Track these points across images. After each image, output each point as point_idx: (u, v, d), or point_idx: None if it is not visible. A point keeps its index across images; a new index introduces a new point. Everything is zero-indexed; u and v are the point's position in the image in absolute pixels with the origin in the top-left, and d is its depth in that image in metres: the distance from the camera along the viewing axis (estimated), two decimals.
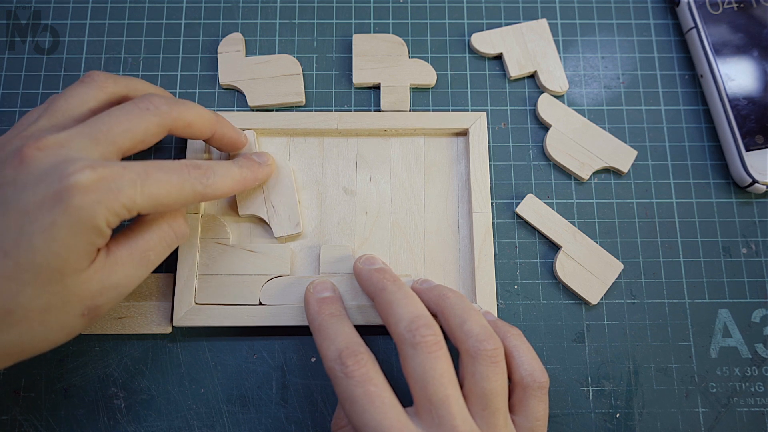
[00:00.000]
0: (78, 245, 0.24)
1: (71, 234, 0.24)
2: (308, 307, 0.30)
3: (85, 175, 0.24)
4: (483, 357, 0.27)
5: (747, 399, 0.33)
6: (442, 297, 0.29)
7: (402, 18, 0.39)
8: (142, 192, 0.25)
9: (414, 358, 0.26)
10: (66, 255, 0.24)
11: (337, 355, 0.27)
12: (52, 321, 0.25)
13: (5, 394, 0.32)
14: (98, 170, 0.24)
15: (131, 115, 0.27)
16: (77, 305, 0.25)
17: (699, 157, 0.37)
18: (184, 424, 0.32)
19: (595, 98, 0.38)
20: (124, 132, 0.26)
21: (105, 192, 0.24)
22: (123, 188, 0.25)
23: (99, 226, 0.24)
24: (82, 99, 0.28)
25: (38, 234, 0.24)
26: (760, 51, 0.37)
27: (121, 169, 0.25)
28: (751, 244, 0.35)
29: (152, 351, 0.33)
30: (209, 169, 0.28)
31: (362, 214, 0.34)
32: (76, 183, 0.24)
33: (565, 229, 0.35)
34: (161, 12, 0.39)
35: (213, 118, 0.30)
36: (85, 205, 0.24)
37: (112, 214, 0.25)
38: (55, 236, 0.24)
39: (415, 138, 0.36)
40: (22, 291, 0.24)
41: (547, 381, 0.28)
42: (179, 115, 0.28)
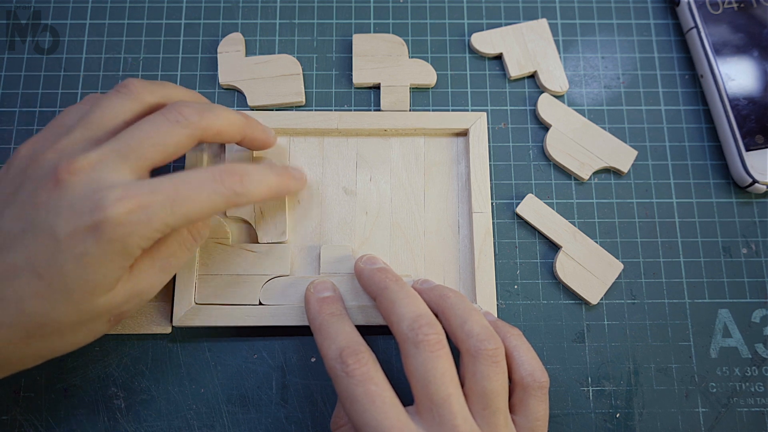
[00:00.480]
0: (108, 271, 0.25)
1: (101, 263, 0.25)
2: (309, 306, 0.30)
3: (117, 209, 0.24)
4: (484, 357, 0.27)
5: (747, 399, 0.33)
6: (443, 297, 0.29)
7: (402, 18, 0.39)
8: (173, 213, 0.25)
9: (416, 357, 0.26)
10: (97, 280, 0.25)
11: (338, 353, 0.27)
12: (82, 329, 0.27)
13: (5, 394, 0.32)
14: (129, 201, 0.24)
15: (161, 129, 0.27)
16: (105, 315, 0.27)
17: (699, 157, 0.37)
18: (184, 424, 0.32)
19: (595, 98, 0.38)
20: (153, 146, 0.26)
21: (137, 224, 0.25)
22: (155, 215, 0.25)
23: (131, 253, 0.25)
24: (117, 111, 0.28)
25: (70, 262, 0.24)
26: (760, 51, 0.37)
27: (151, 194, 0.25)
28: (751, 244, 0.35)
29: (152, 351, 0.33)
30: (246, 175, 0.28)
31: (362, 214, 0.34)
32: (108, 218, 0.24)
33: (565, 229, 0.35)
34: (161, 12, 0.39)
35: (242, 121, 0.30)
36: (117, 238, 0.24)
37: (145, 240, 0.25)
38: (87, 264, 0.24)
39: (415, 138, 0.36)
40: (55, 309, 0.25)
41: (547, 381, 0.28)
42: (209, 125, 0.28)
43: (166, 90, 0.30)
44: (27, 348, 0.25)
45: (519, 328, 0.33)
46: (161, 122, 0.27)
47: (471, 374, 0.27)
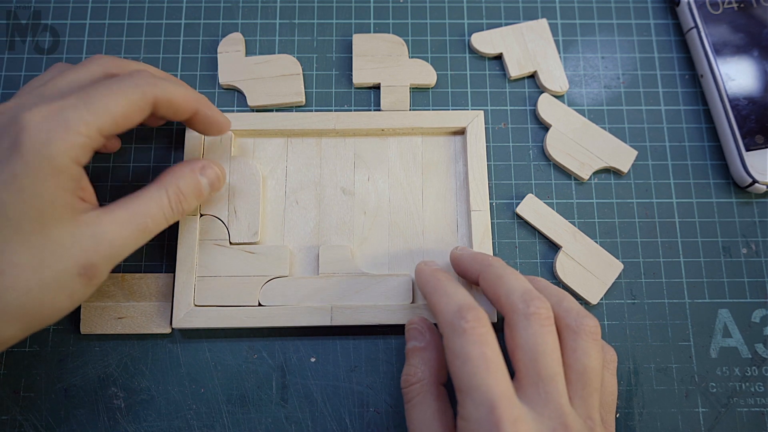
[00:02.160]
0: (46, 191, 0.24)
1: (35, 181, 0.24)
2: (421, 274, 0.30)
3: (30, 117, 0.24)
4: (586, 333, 0.26)
5: (747, 399, 0.33)
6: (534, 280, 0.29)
7: (402, 18, 0.39)
8: (88, 111, 0.25)
9: (526, 329, 0.26)
10: (38, 204, 0.24)
11: (457, 308, 0.26)
12: (48, 278, 0.25)
13: (5, 394, 0.32)
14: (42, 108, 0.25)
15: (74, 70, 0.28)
16: (70, 261, 0.25)
17: (699, 157, 0.37)
18: (184, 424, 0.32)
19: (595, 98, 0.38)
20: (68, 83, 0.27)
21: (55, 129, 0.24)
22: (69, 116, 0.25)
23: (62, 165, 0.24)
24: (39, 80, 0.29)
25: (2, 189, 0.24)
26: (760, 51, 0.37)
27: (61, 99, 0.25)
28: (751, 244, 0.35)
29: (152, 351, 0.33)
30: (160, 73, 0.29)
31: (360, 214, 0.34)
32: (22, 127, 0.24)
33: (565, 229, 0.35)
34: (161, 12, 0.39)
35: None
36: (39, 147, 0.24)
37: (69, 148, 0.25)
38: (20, 187, 0.24)
39: (413, 137, 0.36)
40: (6, 248, 0.24)
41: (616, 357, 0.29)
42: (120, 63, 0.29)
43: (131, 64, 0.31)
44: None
45: None
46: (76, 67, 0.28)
47: (572, 350, 0.26)
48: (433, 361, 0.28)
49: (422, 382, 0.27)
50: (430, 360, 0.28)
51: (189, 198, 0.30)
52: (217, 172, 0.31)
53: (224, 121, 0.32)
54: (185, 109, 0.29)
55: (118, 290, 0.33)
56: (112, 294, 0.32)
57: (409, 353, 0.29)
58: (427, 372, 0.28)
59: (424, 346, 0.29)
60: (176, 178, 0.30)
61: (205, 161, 0.31)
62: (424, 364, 0.28)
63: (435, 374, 0.28)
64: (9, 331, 0.25)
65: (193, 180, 0.30)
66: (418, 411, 0.27)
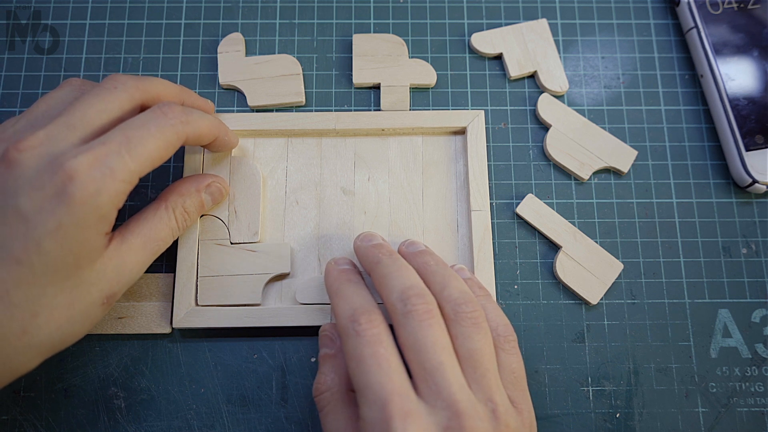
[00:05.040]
0: (88, 238, 0.25)
1: (79, 230, 0.24)
2: (328, 275, 0.30)
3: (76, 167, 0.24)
4: (465, 320, 0.27)
5: (747, 399, 0.33)
6: (425, 264, 0.29)
7: (402, 18, 0.39)
8: (131, 157, 0.26)
9: (405, 327, 0.26)
10: (78, 250, 0.25)
11: (351, 312, 0.27)
12: (77, 314, 0.26)
13: (5, 394, 0.32)
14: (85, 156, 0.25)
15: (100, 97, 0.27)
16: (97, 295, 0.27)
17: (699, 157, 0.37)
18: (184, 424, 0.32)
19: (595, 98, 0.38)
20: (98, 113, 0.27)
21: (101, 178, 0.25)
22: (115, 164, 0.25)
23: (105, 214, 0.25)
24: (57, 99, 0.28)
25: (46, 238, 0.24)
26: (760, 51, 0.37)
27: (102, 145, 0.25)
28: (751, 244, 0.35)
29: (152, 351, 0.33)
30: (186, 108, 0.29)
31: (361, 214, 0.34)
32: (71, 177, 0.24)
33: (565, 229, 0.35)
34: (161, 12, 0.39)
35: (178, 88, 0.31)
36: (87, 198, 0.24)
37: (115, 196, 0.25)
38: (64, 236, 0.24)
39: (413, 137, 0.36)
40: (43, 292, 0.25)
41: (513, 335, 0.28)
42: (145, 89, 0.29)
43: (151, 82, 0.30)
44: (25, 345, 0.25)
45: (519, 327, 0.34)
46: (98, 91, 0.28)
47: (454, 337, 0.27)
48: (344, 368, 0.28)
49: (332, 390, 0.28)
50: (341, 367, 0.28)
51: (193, 216, 0.32)
52: (220, 189, 0.33)
53: (234, 141, 0.34)
54: (208, 140, 0.31)
55: None
56: None
57: (320, 361, 0.29)
58: (337, 379, 0.28)
59: (335, 353, 0.29)
60: (182, 198, 0.31)
61: (208, 177, 0.32)
62: (334, 371, 0.28)
63: (346, 381, 0.28)
64: (33, 363, 0.26)
65: (198, 199, 0.31)
66: (331, 419, 0.27)
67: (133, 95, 0.28)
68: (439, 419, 0.24)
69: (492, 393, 0.26)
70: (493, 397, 0.26)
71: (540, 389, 0.33)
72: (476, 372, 0.26)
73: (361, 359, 0.25)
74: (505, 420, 0.25)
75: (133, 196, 0.35)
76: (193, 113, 0.29)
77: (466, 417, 0.24)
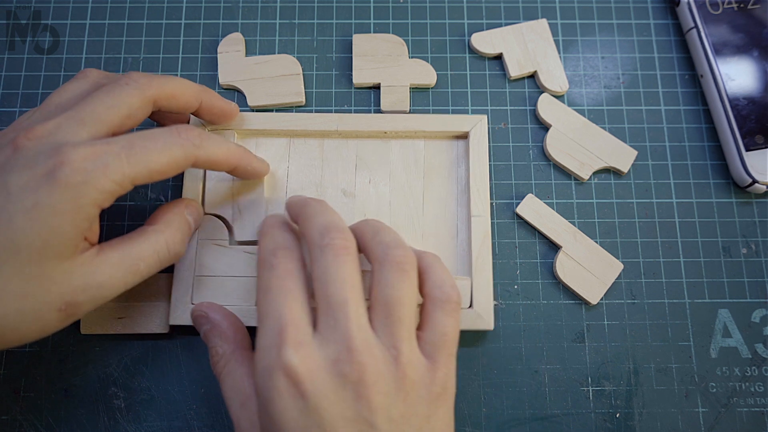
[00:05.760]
0: (61, 227, 0.24)
1: (53, 215, 0.24)
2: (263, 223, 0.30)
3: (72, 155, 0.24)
4: (391, 263, 0.26)
5: (747, 399, 0.33)
6: (365, 221, 0.29)
7: (402, 18, 0.39)
8: (129, 162, 0.25)
9: (319, 260, 0.26)
10: (47, 237, 0.24)
11: (273, 247, 0.27)
12: (28, 309, 0.24)
13: (5, 394, 0.32)
14: (85, 149, 0.25)
15: (112, 93, 0.27)
16: (56, 296, 0.25)
17: (699, 157, 0.37)
18: (184, 424, 0.32)
19: (595, 98, 0.38)
20: (108, 109, 0.27)
21: (93, 171, 0.24)
22: (112, 163, 0.25)
23: (84, 205, 0.24)
24: (72, 92, 0.28)
25: (20, 214, 0.24)
26: (760, 51, 0.37)
27: (106, 144, 0.25)
28: (751, 244, 0.35)
29: (152, 351, 0.33)
30: (204, 132, 0.28)
31: (361, 217, 0.34)
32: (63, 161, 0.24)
33: (565, 229, 0.35)
34: (161, 12, 0.39)
35: (198, 87, 0.31)
36: (72, 184, 0.24)
37: (100, 192, 0.25)
38: (37, 217, 0.24)
39: (415, 141, 0.36)
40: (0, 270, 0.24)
41: (457, 297, 0.27)
42: (160, 86, 0.29)
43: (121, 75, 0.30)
44: None
45: (519, 328, 0.34)
46: (112, 87, 0.28)
47: (376, 282, 0.26)
48: (228, 331, 0.29)
49: (225, 355, 0.28)
50: (224, 332, 0.29)
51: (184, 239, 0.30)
52: (198, 209, 0.32)
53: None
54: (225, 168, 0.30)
55: None
56: None
57: (205, 339, 0.29)
58: (226, 344, 0.28)
59: (212, 326, 0.29)
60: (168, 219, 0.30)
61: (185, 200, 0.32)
62: (220, 338, 0.28)
63: (234, 342, 0.28)
64: None
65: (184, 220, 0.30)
66: (228, 381, 0.27)
67: (145, 93, 0.28)
68: (329, 352, 0.24)
69: (399, 342, 0.25)
70: (399, 345, 0.25)
71: (540, 389, 0.33)
72: (388, 319, 0.25)
73: (268, 290, 0.26)
74: (405, 369, 0.25)
75: (134, 196, 0.35)
76: (211, 139, 0.28)
77: (357, 353, 0.24)
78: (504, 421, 0.32)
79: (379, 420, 0.23)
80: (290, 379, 0.23)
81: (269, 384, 0.24)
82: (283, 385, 0.23)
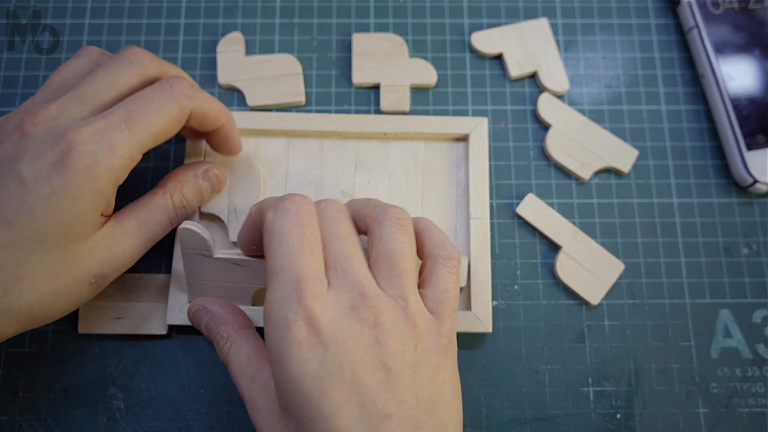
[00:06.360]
0: (81, 211, 0.25)
1: (72, 202, 0.25)
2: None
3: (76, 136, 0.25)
4: (390, 219, 0.26)
5: (748, 399, 0.33)
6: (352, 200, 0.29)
7: (402, 18, 0.39)
8: (131, 132, 0.26)
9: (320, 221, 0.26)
10: (69, 222, 0.25)
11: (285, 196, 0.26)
12: (61, 287, 0.26)
13: (4, 394, 0.32)
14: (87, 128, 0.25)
15: (112, 71, 0.28)
16: (85, 272, 0.27)
17: (700, 157, 0.37)
18: (183, 425, 0.32)
19: (596, 98, 0.38)
20: (108, 88, 0.27)
21: (99, 152, 0.25)
22: (115, 138, 0.25)
23: (100, 188, 0.25)
24: (73, 71, 0.29)
25: (38, 204, 0.24)
26: (761, 50, 0.37)
27: (104, 119, 0.26)
28: (752, 245, 0.35)
29: (151, 351, 0.33)
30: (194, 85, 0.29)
31: None
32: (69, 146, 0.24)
33: (565, 229, 0.34)
34: (160, 12, 0.39)
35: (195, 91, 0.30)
36: (83, 169, 0.24)
37: (112, 171, 0.25)
38: (56, 205, 0.24)
39: (415, 142, 0.35)
40: (29, 258, 0.25)
41: (458, 253, 0.28)
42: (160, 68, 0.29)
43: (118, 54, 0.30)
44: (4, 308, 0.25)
45: (519, 328, 0.34)
46: (112, 65, 0.28)
47: (377, 238, 0.26)
48: (227, 315, 0.29)
49: (230, 338, 0.28)
50: (223, 318, 0.28)
51: (192, 202, 0.31)
52: (218, 175, 0.32)
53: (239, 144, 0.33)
54: (213, 123, 0.30)
55: (117, 290, 0.32)
56: (110, 294, 0.32)
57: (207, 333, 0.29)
58: (228, 327, 0.28)
59: (211, 315, 0.29)
60: (180, 183, 0.31)
61: (206, 164, 0.32)
62: (222, 325, 0.28)
63: (236, 324, 0.28)
64: (10, 330, 0.26)
65: (195, 185, 0.31)
66: (235, 360, 0.27)
67: (147, 73, 0.28)
68: (345, 300, 0.24)
69: (405, 292, 0.25)
70: (406, 295, 0.25)
71: (540, 389, 0.33)
72: (392, 272, 0.25)
73: (284, 239, 0.24)
74: (414, 318, 0.25)
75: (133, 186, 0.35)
76: (201, 90, 0.29)
77: (371, 297, 0.24)
78: (504, 421, 0.32)
79: (396, 365, 0.23)
80: (312, 328, 0.23)
81: (288, 336, 0.23)
82: (303, 335, 0.23)
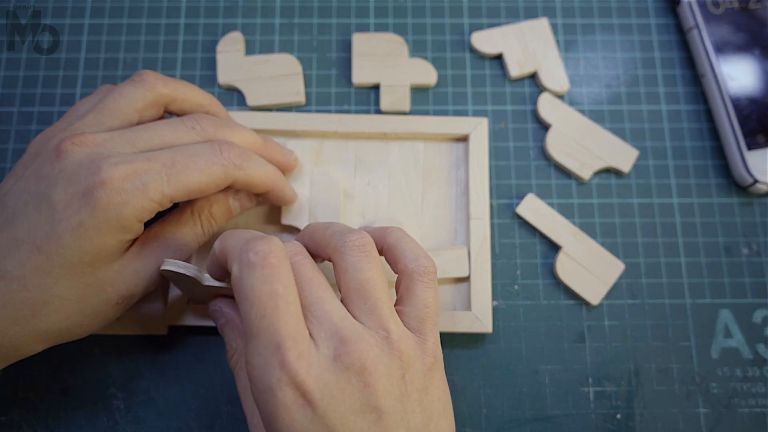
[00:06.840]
0: (106, 243, 0.25)
1: (98, 234, 0.25)
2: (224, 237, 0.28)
3: (110, 173, 0.25)
4: (350, 248, 0.25)
5: (748, 399, 0.33)
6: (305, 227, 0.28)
7: (402, 18, 0.39)
8: (168, 182, 0.26)
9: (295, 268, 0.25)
10: (95, 251, 0.25)
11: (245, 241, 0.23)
12: (88, 309, 0.26)
13: (4, 394, 0.32)
14: (125, 166, 0.25)
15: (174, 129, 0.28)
16: (112, 294, 0.27)
17: (700, 157, 0.37)
18: (183, 425, 0.32)
19: (596, 98, 0.38)
20: (163, 143, 0.27)
21: (132, 191, 0.25)
22: (149, 183, 0.25)
23: (127, 225, 0.25)
24: (130, 99, 0.29)
25: (67, 232, 0.25)
26: (761, 50, 0.37)
27: (147, 162, 0.26)
28: (752, 245, 0.35)
29: (151, 351, 0.33)
30: (246, 153, 0.28)
31: (359, 218, 0.34)
32: (101, 182, 0.24)
33: (565, 229, 0.34)
34: (160, 12, 0.39)
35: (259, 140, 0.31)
36: (112, 206, 0.25)
37: (140, 212, 0.25)
38: (83, 236, 0.25)
39: (415, 142, 0.35)
40: (57, 283, 0.25)
41: (433, 267, 0.27)
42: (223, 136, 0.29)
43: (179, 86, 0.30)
44: (32, 328, 0.25)
45: (519, 328, 0.33)
46: (177, 124, 0.28)
47: (342, 270, 0.25)
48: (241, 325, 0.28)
49: (238, 350, 0.27)
50: (237, 326, 0.28)
51: (220, 222, 0.31)
52: (249, 196, 0.32)
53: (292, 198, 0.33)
54: (259, 190, 0.30)
55: None
56: None
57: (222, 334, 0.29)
58: (239, 338, 0.28)
59: (225, 320, 0.28)
60: (209, 202, 0.30)
61: None
62: (234, 333, 0.28)
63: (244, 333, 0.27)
64: (38, 347, 0.27)
65: (225, 204, 0.31)
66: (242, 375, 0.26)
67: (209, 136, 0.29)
68: (327, 350, 0.23)
69: (384, 321, 0.24)
70: (386, 324, 0.24)
71: (540, 389, 0.33)
72: (367, 303, 0.25)
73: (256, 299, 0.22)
74: (398, 346, 0.24)
75: None
76: (252, 160, 0.28)
77: (352, 341, 0.23)
78: (504, 421, 0.32)
79: (385, 404, 0.23)
80: (298, 390, 0.22)
81: (273, 402, 0.22)
82: (290, 399, 0.22)
